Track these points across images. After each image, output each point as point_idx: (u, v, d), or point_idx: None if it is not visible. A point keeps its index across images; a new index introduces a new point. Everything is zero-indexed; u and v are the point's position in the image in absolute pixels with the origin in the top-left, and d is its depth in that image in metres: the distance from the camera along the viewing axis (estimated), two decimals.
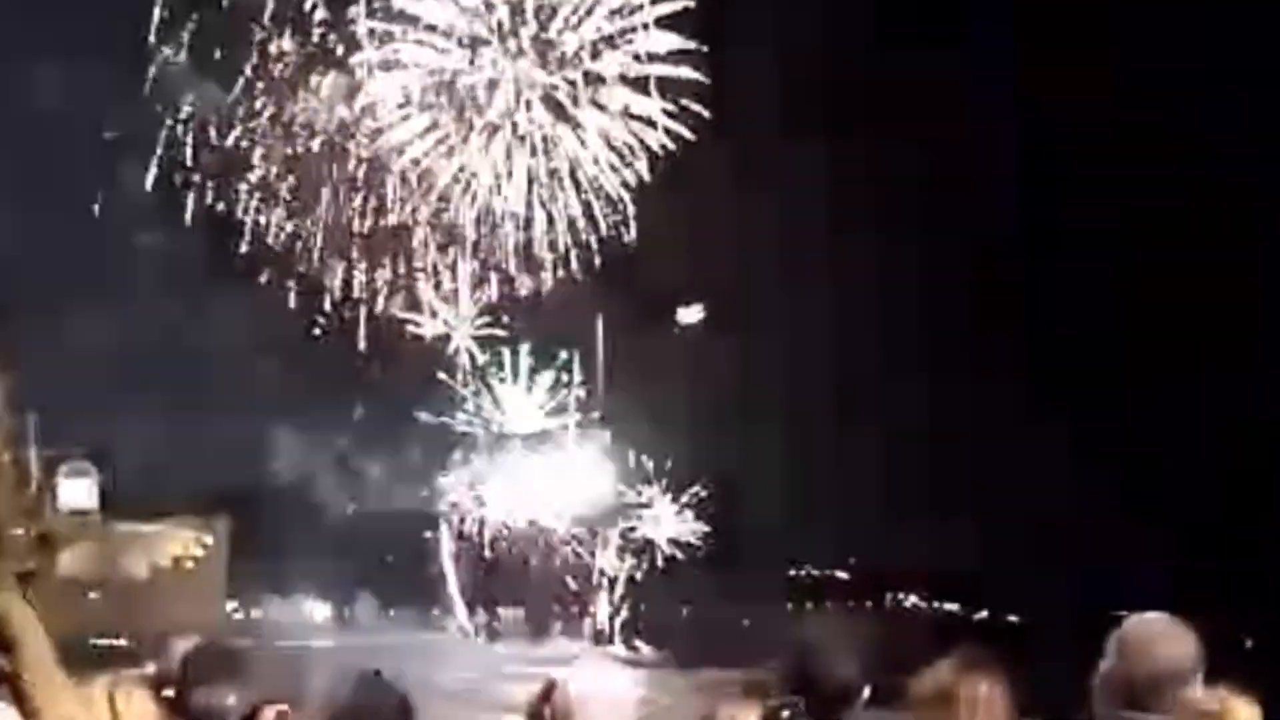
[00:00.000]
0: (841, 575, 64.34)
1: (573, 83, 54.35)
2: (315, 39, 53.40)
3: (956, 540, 53.14)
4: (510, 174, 54.50)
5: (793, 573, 63.76)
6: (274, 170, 54.07)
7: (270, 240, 53.65)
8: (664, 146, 53.83)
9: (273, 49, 53.27)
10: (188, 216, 52.37)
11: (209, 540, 51.52)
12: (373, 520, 54.32)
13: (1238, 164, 49.25)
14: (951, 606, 63.94)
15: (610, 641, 54.16)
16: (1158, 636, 4.49)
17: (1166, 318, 49.75)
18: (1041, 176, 52.87)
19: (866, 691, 4.98)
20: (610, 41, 54.42)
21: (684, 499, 55.81)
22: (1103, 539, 50.15)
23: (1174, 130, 49.34)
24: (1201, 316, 49.44)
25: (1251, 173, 48.99)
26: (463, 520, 55.96)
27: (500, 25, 53.87)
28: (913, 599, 65.11)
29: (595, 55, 54.41)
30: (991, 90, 51.09)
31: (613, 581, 55.98)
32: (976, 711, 5.26)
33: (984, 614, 61.12)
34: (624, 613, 55.83)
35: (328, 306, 54.17)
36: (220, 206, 53.20)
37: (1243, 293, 49.41)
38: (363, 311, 54.46)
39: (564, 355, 56.24)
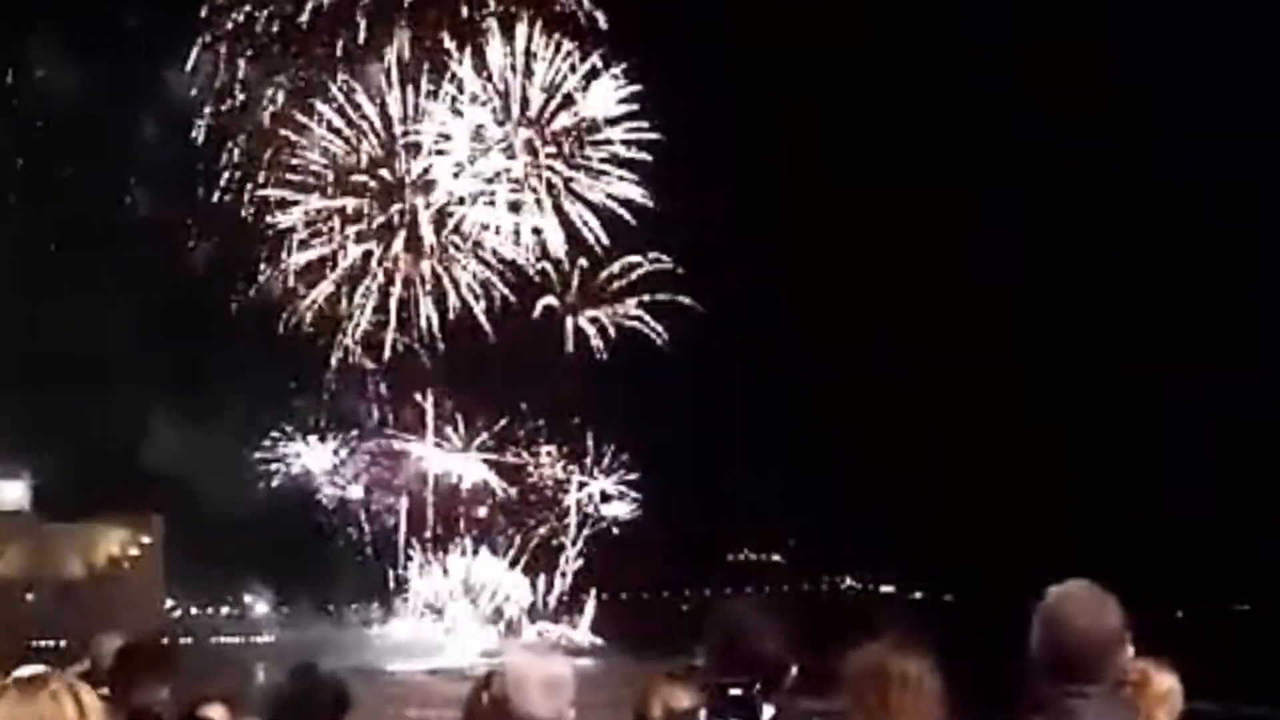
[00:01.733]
0: (778, 559, 64.61)
1: None
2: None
3: (891, 523, 53.46)
4: None
5: (730, 557, 63.98)
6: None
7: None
8: None
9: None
10: None
11: (146, 539, 51.20)
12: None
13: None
14: (888, 588, 64.27)
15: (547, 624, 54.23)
16: (1082, 607, 4.49)
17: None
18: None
19: (794, 670, 5.01)
20: None
21: (619, 482, 55.73)
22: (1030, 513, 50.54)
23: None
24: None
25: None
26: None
27: None
28: (849, 581, 65.39)
29: None
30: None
31: (547, 567, 55.93)
32: (907, 690, 5.32)
33: (919, 594, 61.45)
34: (560, 598, 55.81)
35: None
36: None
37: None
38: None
39: None
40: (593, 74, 54.64)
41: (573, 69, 54.59)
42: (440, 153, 54.44)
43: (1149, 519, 49.22)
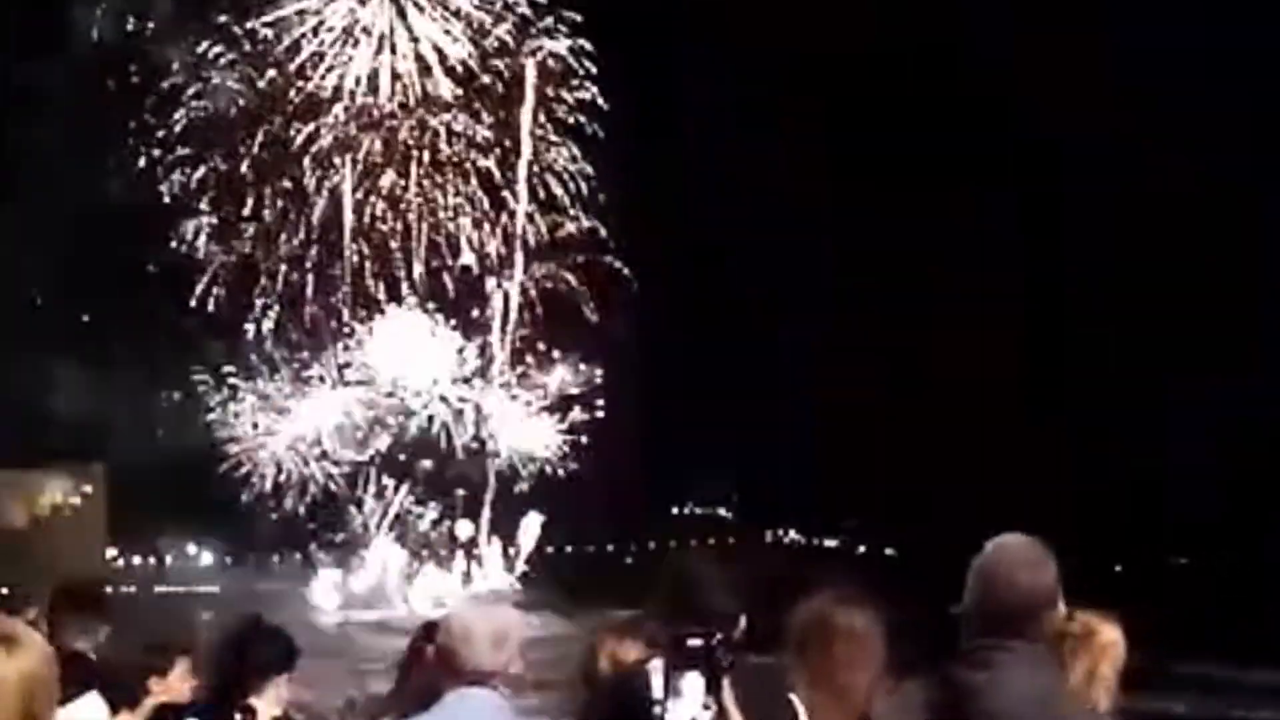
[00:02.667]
0: (723, 512, 64.76)
1: None
2: None
3: (833, 474, 53.67)
4: None
5: (675, 510, 64.11)
6: None
7: None
8: None
9: None
10: None
11: (87, 488, 50.93)
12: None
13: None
14: (831, 542, 64.54)
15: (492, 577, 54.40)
16: (1017, 562, 4.53)
17: None
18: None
19: (743, 622, 5.05)
20: None
21: (566, 433, 55.90)
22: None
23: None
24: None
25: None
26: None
27: None
28: (792, 534, 65.61)
29: None
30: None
31: (493, 519, 56.07)
32: (852, 643, 5.37)
33: (862, 549, 61.70)
34: (505, 553, 55.93)
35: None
36: None
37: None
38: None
39: None
40: None
41: None
42: None
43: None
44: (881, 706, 4.72)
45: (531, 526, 55.45)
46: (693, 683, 4.40)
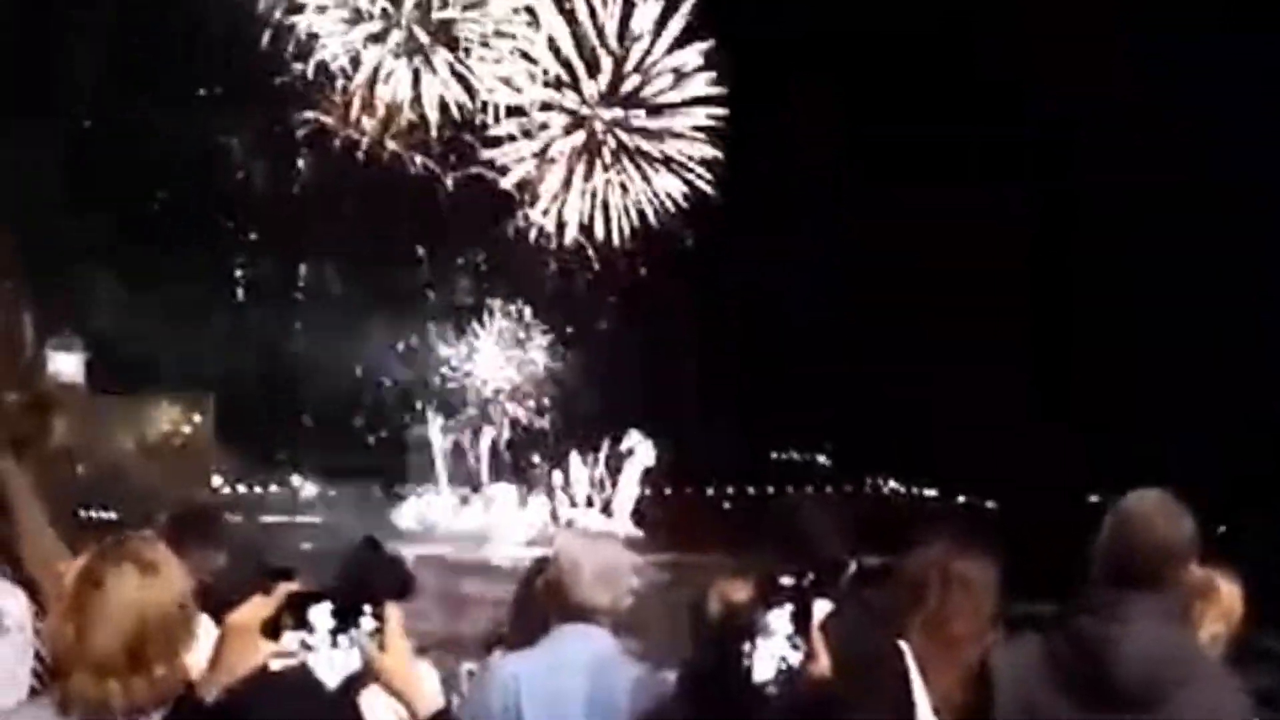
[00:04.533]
0: (821, 460, 64.64)
1: None
2: None
3: (938, 425, 53.45)
4: None
5: (774, 455, 64.00)
6: None
7: None
8: None
9: None
10: None
11: (197, 417, 51.56)
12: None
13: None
14: (931, 492, 64.24)
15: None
16: (1158, 513, 4.45)
17: None
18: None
19: (853, 566, 5.00)
20: None
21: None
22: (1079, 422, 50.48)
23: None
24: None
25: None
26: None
27: None
28: (892, 484, 65.38)
29: None
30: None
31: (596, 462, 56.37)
32: (968, 592, 5.29)
33: (962, 499, 61.40)
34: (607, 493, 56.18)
35: None
36: None
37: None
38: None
39: None
40: None
41: None
42: None
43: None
44: (1001, 656, 4.63)
45: (638, 466, 55.69)
46: (782, 621, 4.34)
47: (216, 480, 54.19)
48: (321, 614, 3.45)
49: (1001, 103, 52.30)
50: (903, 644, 4.90)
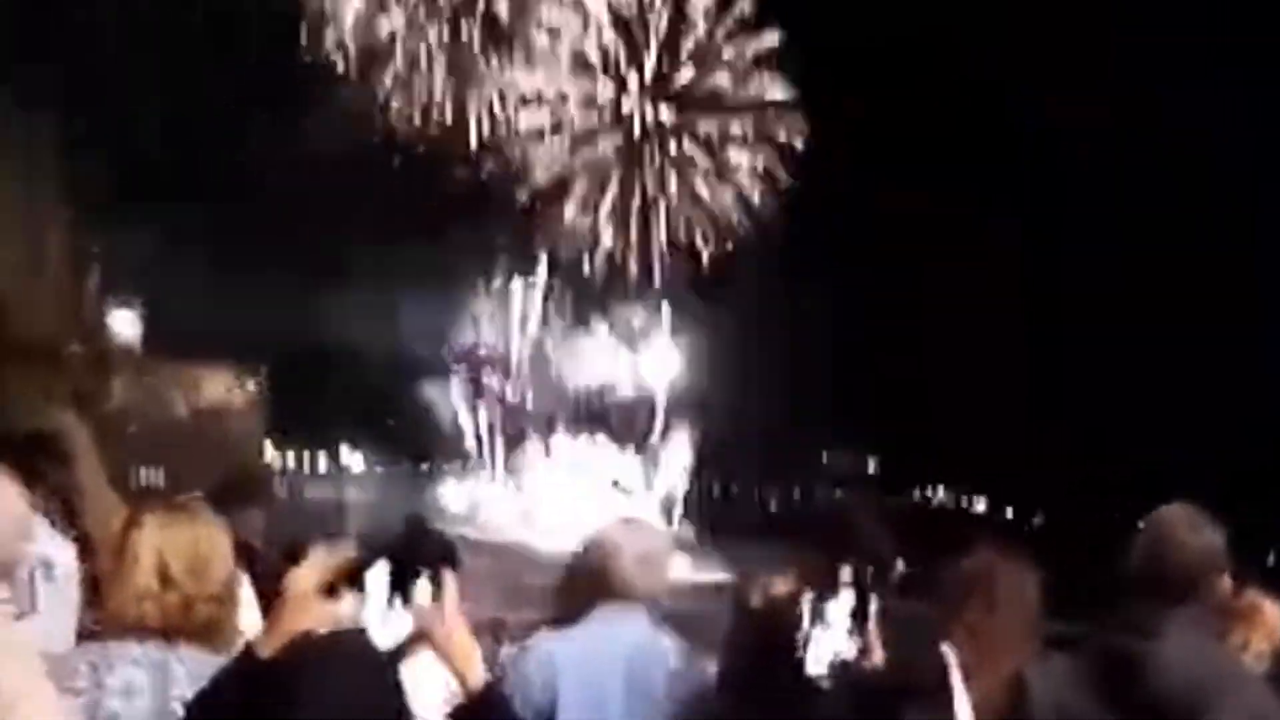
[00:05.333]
0: (870, 469, 64.49)
1: None
2: None
3: (987, 437, 53.30)
4: None
5: (823, 458, 63.88)
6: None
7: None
8: None
9: None
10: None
11: (250, 385, 51.75)
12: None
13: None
14: (979, 505, 64.01)
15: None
16: (1185, 526, 4.48)
17: None
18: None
19: (900, 566, 5.02)
20: None
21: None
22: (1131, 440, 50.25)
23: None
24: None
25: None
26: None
27: None
28: (940, 494, 65.17)
29: None
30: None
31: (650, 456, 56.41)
32: (1014, 601, 5.31)
33: (1010, 513, 61.16)
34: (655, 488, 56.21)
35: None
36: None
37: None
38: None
39: None
40: None
41: None
42: None
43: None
44: (1035, 671, 4.64)
45: (685, 459, 55.80)
46: (840, 613, 4.36)
47: (268, 449, 54.46)
48: (378, 577, 3.51)
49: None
50: (945, 648, 4.92)
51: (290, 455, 57.20)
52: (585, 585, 5.60)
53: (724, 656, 5.40)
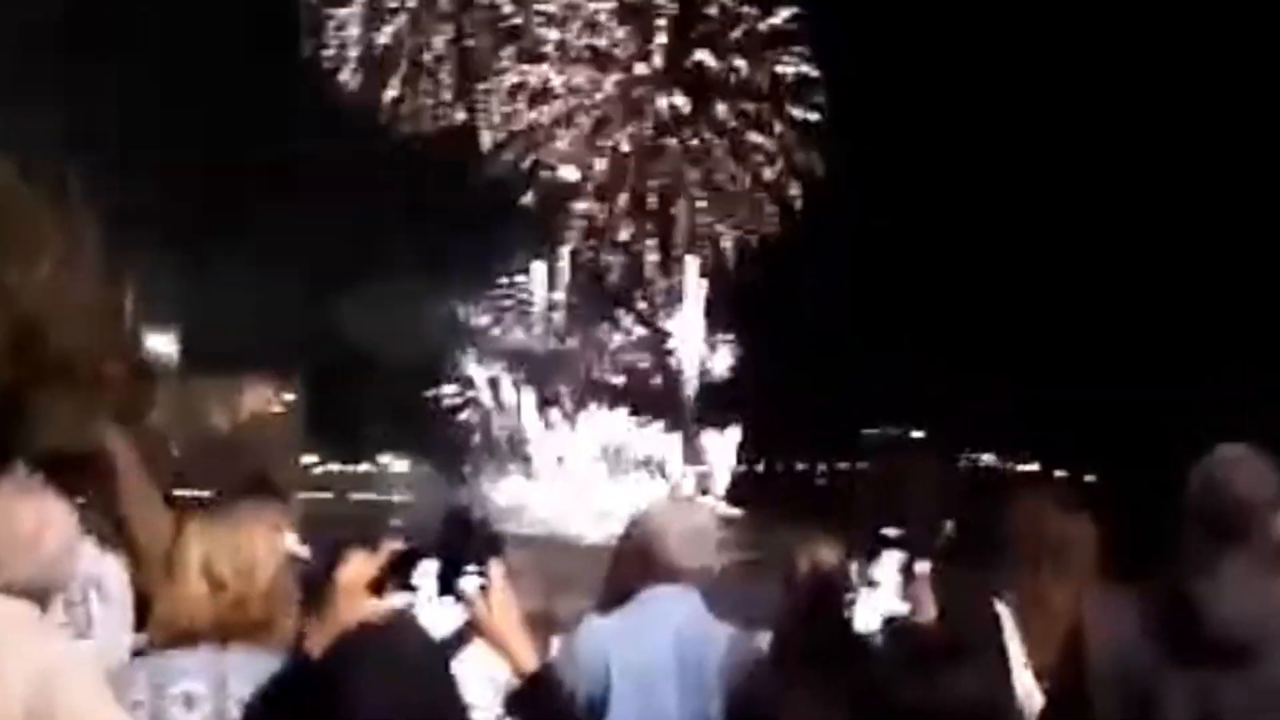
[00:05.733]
0: (917, 434, 64.28)
1: None
2: None
3: (1030, 399, 53.12)
4: None
5: (867, 431, 63.74)
6: None
7: None
8: None
9: None
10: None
11: (288, 395, 51.99)
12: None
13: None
14: (1029, 467, 63.70)
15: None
16: (1237, 464, 4.44)
17: None
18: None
19: (948, 527, 4.98)
20: None
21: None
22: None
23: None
24: None
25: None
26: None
27: None
28: (988, 458, 64.90)
29: None
30: None
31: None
32: (1065, 549, 5.27)
33: (1062, 473, 60.86)
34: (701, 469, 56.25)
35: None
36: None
37: None
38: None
39: None
40: None
41: None
42: None
43: None
44: (1094, 614, 4.59)
45: (728, 441, 55.82)
46: (889, 574, 4.33)
47: (307, 459, 54.66)
48: (426, 571, 3.54)
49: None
50: (1000, 604, 4.88)
51: (331, 462, 57.33)
52: (633, 567, 5.56)
53: (776, 626, 5.36)
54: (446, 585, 3.53)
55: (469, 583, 3.55)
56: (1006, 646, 4.82)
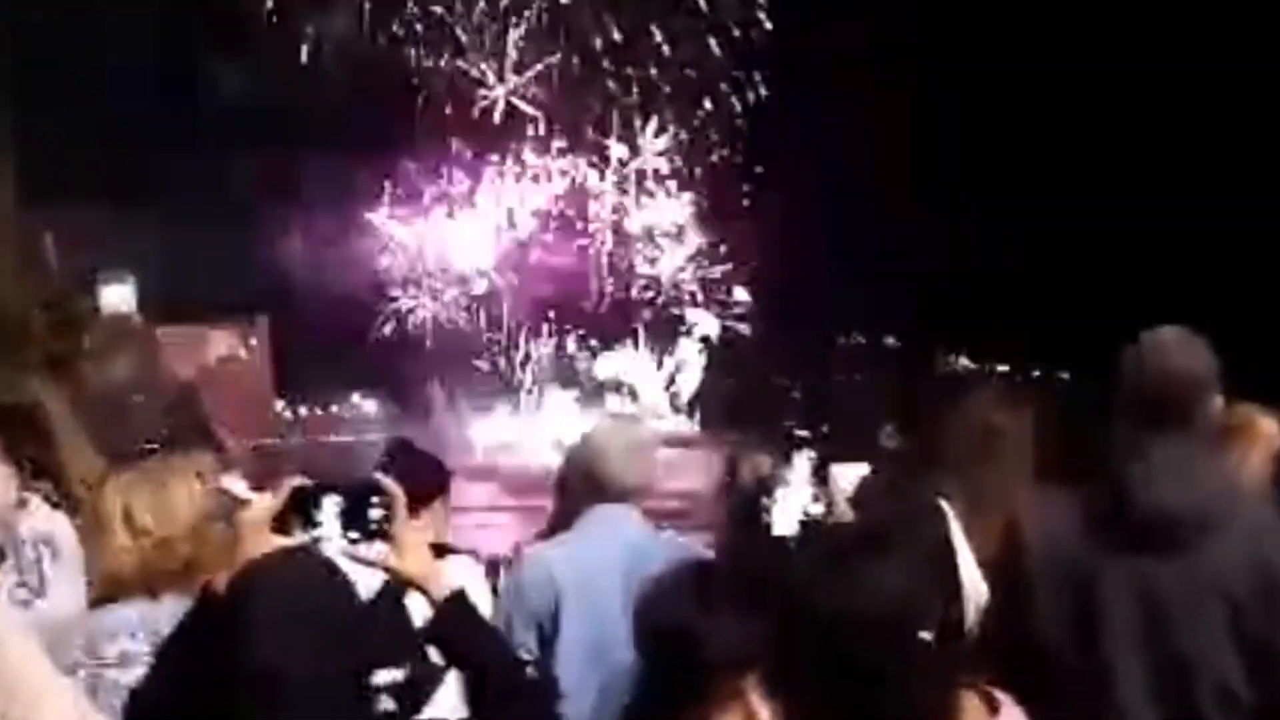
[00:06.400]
0: (890, 341, 64.36)
1: None
2: None
3: (1008, 301, 53.25)
4: None
5: (841, 340, 63.81)
6: None
7: None
8: None
9: None
10: None
11: (253, 341, 51.81)
12: None
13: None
14: (1004, 367, 63.88)
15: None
16: (1169, 348, 4.35)
17: None
18: None
19: (888, 429, 4.98)
20: None
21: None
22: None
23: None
24: None
25: None
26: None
27: None
28: (964, 361, 65.03)
29: None
30: None
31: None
32: (1001, 444, 5.25)
33: (1037, 373, 61.07)
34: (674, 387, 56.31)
35: None
36: None
37: None
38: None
39: None
40: None
41: None
42: None
43: None
44: (1030, 506, 4.57)
45: (692, 360, 55.81)
46: (801, 473, 4.32)
47: (278, 404, 54.58)
48: (330, 506, 3.51)
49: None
50: (943, 503, 4.86)
51: (303, 406, 57.20)
52: (577, 489, 5.58)
53: (719, 533, 5.37)
54: (350, 521, 3.49)
55: (373, 515, 3.51)
56: (949, 541, 4.80)
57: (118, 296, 43.26)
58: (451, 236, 55.71)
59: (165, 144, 47.45)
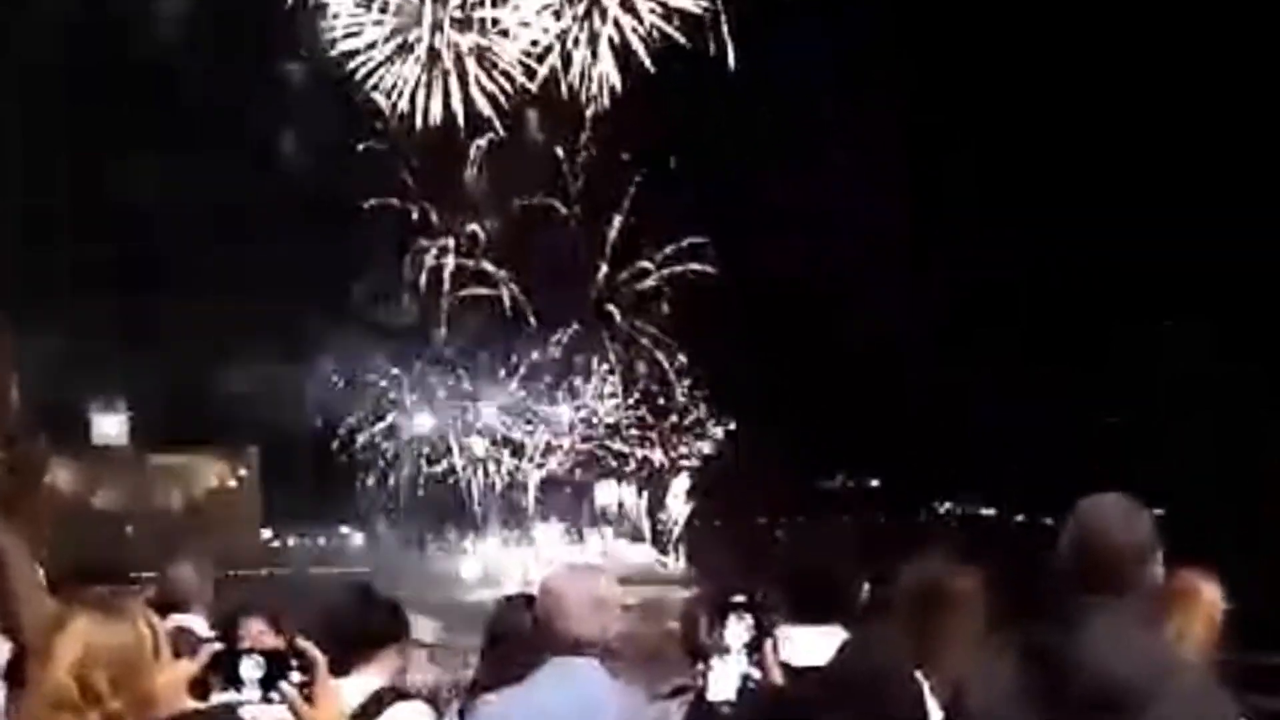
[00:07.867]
0: (874, 483, 64.34)
1: None
2: None
3: (989, 445, 53.16)
4: None
5: (826, 484, 63.76)
6: None
7: None
8: None
9: None
10: None
11: (243, 471, 51.72)
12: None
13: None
14: (987, 512, 63.81)
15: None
16: (1109, 516, 4.36)
17: None
18: None
19: (865, 590, 4.99)
20: None
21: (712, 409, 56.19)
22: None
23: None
24: None
25: None
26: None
27: None
28: (947, 506, 64.97)
29: None
30: None
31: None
32: (954, 608, 5.26)
33: (1020, 518, 60.98)
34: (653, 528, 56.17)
35: None
36: None
37: None
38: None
39: None
40: None
41: None
42: None
43: None
44: (975, 675, 4.57)
45: (679, 498, 55.65)
46: (738, 638, 4.35)
47: (266, 533, 54.35)
48: (250, 670, 3.54)
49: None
50: (918, 672, 4.86)
51: (291, 537, 56.93)
52: (531, 637, 5.55)
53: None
54: (271, 681, 3.53)
55: (293, 678, 3.55)
56: (921, 702, 4.81)
57: (110, 426, 43.29)
58: None
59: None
